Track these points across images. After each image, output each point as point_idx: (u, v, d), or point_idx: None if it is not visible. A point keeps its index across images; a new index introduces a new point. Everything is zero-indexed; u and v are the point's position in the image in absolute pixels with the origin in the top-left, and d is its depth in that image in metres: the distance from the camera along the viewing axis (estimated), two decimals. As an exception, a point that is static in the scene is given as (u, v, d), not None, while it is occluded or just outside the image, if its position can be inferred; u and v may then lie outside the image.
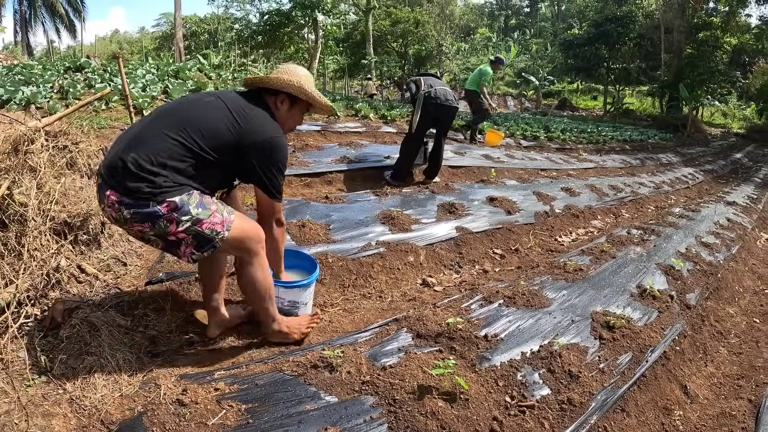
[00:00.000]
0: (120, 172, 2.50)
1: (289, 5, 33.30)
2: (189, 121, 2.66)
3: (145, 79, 10.79)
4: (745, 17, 41.01)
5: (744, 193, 12.48)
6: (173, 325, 3.22)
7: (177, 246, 2.66)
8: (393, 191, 6.16)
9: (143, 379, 2.63)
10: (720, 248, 6.41)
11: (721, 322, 4.69)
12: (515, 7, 73.33)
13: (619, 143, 18.17)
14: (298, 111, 3.12)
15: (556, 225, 6.59)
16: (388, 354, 2.93)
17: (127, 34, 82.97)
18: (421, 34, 35.94)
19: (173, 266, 3.76)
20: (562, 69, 44.39)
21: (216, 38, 42.53)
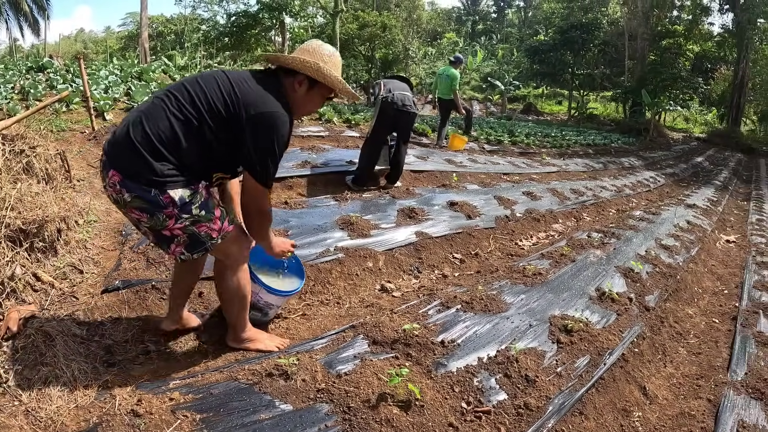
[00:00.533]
0: (124, 152, 2.49)
1: (257, 7, 33.13)
2: (189, 95, 2.59)
3: (108, 80, 10.65)
4: (708, 25, 42.04)
5: (704, 196, 12.68)
6: (129, 335, 3.16)
7: (168, 242, 2.65)
8: (353, 196, 6.09)
9: (99, 390, 2.58)
10: (679, 250, 6.47)
11: (681, 322, 4.71)
12: (483, 13, 73.82)
13: (582, 147, 18.34)
14: (317, 94, 2.88)
15: (517, 229, 6.58)
16: (343, 361, 2.88)
17: (92, 34, 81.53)
18: (388, 38, 35.93)
19: (129, 274, 3.68)
20: (527, 74, 44.80)
21: (182, 39, 42.11)
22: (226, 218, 2.76)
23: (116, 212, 4.96)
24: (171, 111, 2.54)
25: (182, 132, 2.53)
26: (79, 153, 6.65)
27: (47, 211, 3.77)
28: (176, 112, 2.54)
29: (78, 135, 7.42)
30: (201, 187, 2.64)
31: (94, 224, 4.60)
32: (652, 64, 35.81)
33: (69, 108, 8.48)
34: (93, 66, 12.74)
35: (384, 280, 4.55)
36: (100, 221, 4.72)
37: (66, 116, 8.18)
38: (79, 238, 4.17)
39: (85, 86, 7.61)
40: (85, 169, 6.17)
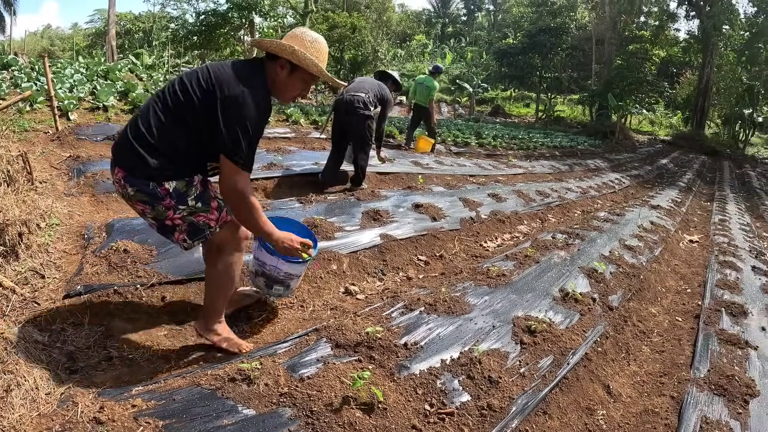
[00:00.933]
0: (124, 150, 2.72)
1: (226, 6, 32.88)
2: (175, 90, 2.74)
3: (73, 79, 10.49)
4: (674, 31, 42.89)
5: (668, 197, 12.90)
6: (91, 340, 3.10)
7: (171, 231, 2.89)
8: (318, 198, 6.02)
9: (61, 397, 2.51)
10: (643, 250, 6.53)
11: (644, 321, 4.74)
12: (452, 16, 74.19)
13: (549, 149, 18.51)
14: (299, 78, 2.91)
15: (482, 231, 6.58)
16: (307, 365, 2.85)
17: (59, 30, 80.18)
18: (358, 40, 35.93)
19: (91, 279, 3.58)
20: (496, 77, 45.23)
21: (151, 37, 41.60)
22: (224, 209, 2.94)
23: (79, 215, 4.94)
24: (159, 108, 2.73)
25: (170, 126, 2.71)
26: (42, 154, 6.55)
27: (8, 215, 3.73)
28: (163, 108, 2.72)
29: (42, 135, 7.32)
30: (197, 180, 2.83)
31: (56, 227, 4.51)
32: (618, 68, 36.41)
33: (33, 107, 8.38)
34: (58, 64, 12.53)
35: (348, 282, 4.50)
36: (62, 224, 4.63)
37: (30, 116, 8.08)
38: (41, 241, 4.09)
39: (49, 85, 7.49)
40: (48, 170, 6.07)
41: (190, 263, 3.95)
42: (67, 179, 5.86)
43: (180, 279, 3.81)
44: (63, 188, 5.58)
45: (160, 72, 18.27)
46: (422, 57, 46.82)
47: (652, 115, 43.04)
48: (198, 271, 3.86)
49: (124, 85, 10.37)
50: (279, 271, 3.42)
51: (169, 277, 3.78)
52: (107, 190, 5.58)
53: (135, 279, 3.66)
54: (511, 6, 58.90)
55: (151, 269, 3.80)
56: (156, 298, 3.58)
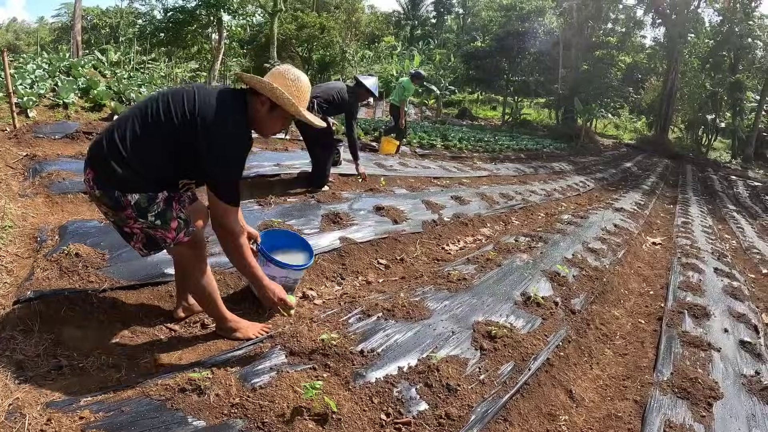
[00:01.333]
0: (97, 154, 2.73)
1: (194, 3, 32.59)
2: (158, 106, 2.74)
3: (35, 75, 10.20)
4: (640, 38, 43.56)
5: (632, 200, 13.02)
6: (41, 348, 2.98)
7: (129, 238, 2.94)
8: (278, 201, 5.88)
9: (9, 409, 2.42)
10: (606, 253, 6.53)
11: (607, 324, 4.71)
12: (422, 18, 74.23)
13: (514, 152, 18.61)
14: (279, 116, 2.93)
15: (444, 234, 6.50)
16: (259, 373, 2.76)
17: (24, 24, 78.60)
18: (327, 40, 35.88)
19: (42, 284, 3.43)
20: (463, 79, 45.43)
21: (117, 33, 40.99)
22: (183, 230, 2.92)
23: (33, 217, 4.76)
24: (138, 122, 2.73)
25: (145, 143, 2.71)
26: None
27: None
28: (142, 123, 2.72)
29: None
30: (161, 197, 2.81)
31: (8, 230, 4.35)
32: (585, 73, 36.89)
33: None
34: (21, 59, 12.20)
35: (306, 287, 4.40)
36: (15, 227, 4.46)
37: None
38: None
39: (7, 81, 7.28)
40: (4, 170, 5.89)
41: (144, 267, 3.83)
42: (23, 179, 5.69)
43: (132, 284, 3.66)
44: (18, 189, 5.40)
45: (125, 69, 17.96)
46: (391, 59, 46.80)
47: (617, 119, 43.79)
48: (152, 275, 3.78)
49: (86, 82, 10.09)
50: (289, 280, 3.72)
51: (122, 282, 3.63)
52: (63, 190, 5.41)
53: (86, 284, 3.51)
54: (480, 10, 59.07)
55: (103, 274, 3.65)
56: (108, 304, 3.44)
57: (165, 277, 3.81)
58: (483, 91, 49.44)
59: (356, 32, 46.39)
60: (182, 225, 2.92)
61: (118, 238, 4.01)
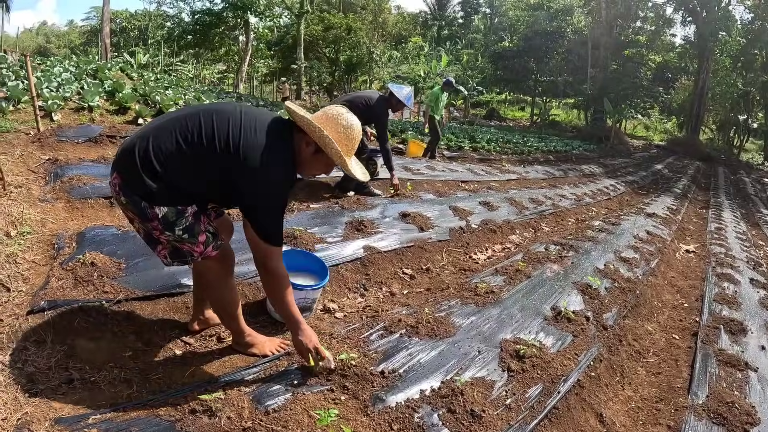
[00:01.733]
0: (127, 159, 2.57)
1: (221, 5, 32.90)
2: (200, 124, 2.59)
3: (61, 78, 10.27)
4: (670, 37, 42.87)
5: (664, 204, 12.67)
6: (53, 361, 2.87)
7: (155, 244, 2.78)
8: (300, 207, 5.75)
9: (17, 424, 2.36)
10: (639, 263, 6.29)
11: (640, 340, 4.49)
12: (449, 18, 73.98)
13: (543, 154, 18.36)
14: (323, 161, 2.74)
15: (472, 241, 6.31)
16: (273, 395, 2.63)
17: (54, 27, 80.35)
18: (353, 41, 35.83)
19: (57, 293, 3.35)
20: (491, 80, 45.16)
21: (146, 36, 41.51)
22: (211, 244, 2.78)
23: (52, 222, 4.68)
24: (178, 135, 2.56)
25: (182, 158, 2.55)
26: (21, 157, 6.30)
27: None
28: (181, 138, 2.55)
29: (23, 137, 7.11)
30: (189, 210, 2.65)
31: (26, 236, 4.27)
32: (614, 73, 36.40)
33: (17, 107, 8.15)
34: (48, 62, 12.33)
35: (327, 299, 4.25)
36: (34, 232, 4.38)
37: (13, 116, 7.88)
38: (10, 251, 3.86)
39: (31, 85, 7.27)
40: (25, 174, 5.82)
41: (160, 278, 3.72)
42: (44, 184, 5.63)
43: (148, 295, 3.55)
44: (38, 193, 5.33)
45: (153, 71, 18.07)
46: (418, 59, 46.70)
47: (647, 120, 43.14)
48: (168, 286, 3.66)
49: (112, 85, 10.09)
50: (308, 300, 3.65)
51: (137, 292, 3.52)
52: (83, 195, 5.34)
53: (101, 295, 3.41)
54: (507, 9, 58.70)
55: (118, 284, 3.54)
56: (122, 316, 3.32)
57: (182, 288, 3.68)
58: (511, 91, 49.10)
59: (383, 33, 46.29)
60: (210, 239, 2.77)
61: (135, 246, 3.99)
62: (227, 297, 3.02)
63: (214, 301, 3.10)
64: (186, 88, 15.04)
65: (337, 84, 38.95)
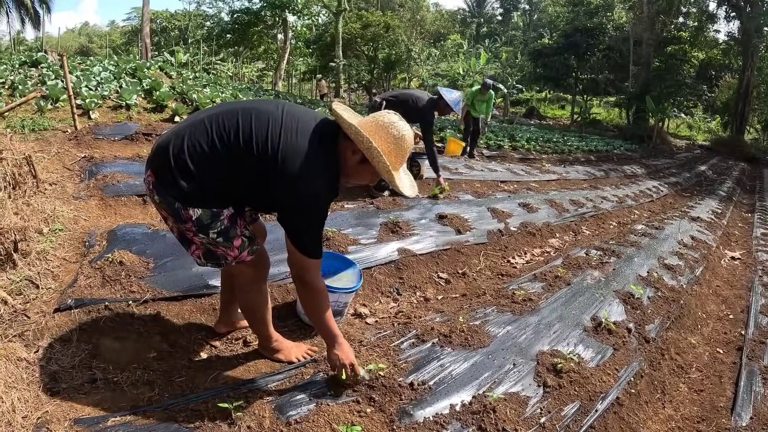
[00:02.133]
0: (161, 157, 2.47)
1: (259, 4, 33.21)
2: (237, 124, 2.44)
3: (101, 77, 10.45)
4: (714, 33, 41.77)
5: (708, 208, 12.24)
6: (77, 360, 2.84)
7: (189, 244, 2.69)
8: (334, 207, 5.63)
9: (37, 422, 2.34)
10: (683, 270, 6.02)
11: (683, 354, 4.26)
12: (487, 15, 73.58)
13: (584, 153, 18.02)
14: (368, 171, 2.51)
15: (510, 245, 6.12)
16: (297, 404, 2.55)
17: (96, 27, 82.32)
18: (392, 39, 35.72)
19: (84, 292, 3.33)
20: (530, 78, 44.67)
21: (186, 35, 42.12)
22: (247, 248, 2.67)
23: (85, 220, 4.72)
24: (213, 134, 2.43)
25: (217, 159, 2.42)
26: (57, 154, 6.41)
27: (2, 222, 3.58)
28: (217, 138, 2.42)
29: (60, 134, 7.27)
30: (225, 213, 2.53)
31: (59, 233, 4.30)
32: (656, 71, 35.66)
33: (55, 106, 8.30)
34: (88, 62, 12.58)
35: (359, 303, 4.14)
36: (66, 230, 4.42)
37: (52, 114, 8.07)
38: (41, 248, 3.90)
39: (68, 84, 7.42)
40: (60, 171, 5.91)
41: (188, 278, 3.68)
42: (79, 181, 5.68)
43: (175, 295, 3.51)
44: (73, 191, 5.38)
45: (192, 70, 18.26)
46: (457, 57, 46.44)
47: (690, 119, 42.13)
48: (196, 287, 3.63)
49: (150, 83, 10.23)
50: (339, 304, 3.55)
51: (164, 293, 3.49)
52: (117, 193, 5.37)
53: (128, 294, 3.39)
54: (547, 5, 58.10)
55: (145, 284, 3.51)
56: (148, 316, 3.29)
57: (209, 289, 3.63)
58: (551, 89, 48.46)
59: (421, 30, 46.09)
60: (246, 243, 2.65)
61: (164, 246, 3.97)
62: (258, 301, 2.92)
63: (243, 304, 3.00)
64: (224, 86, 15.15)
65: (376, 82, 38.88)
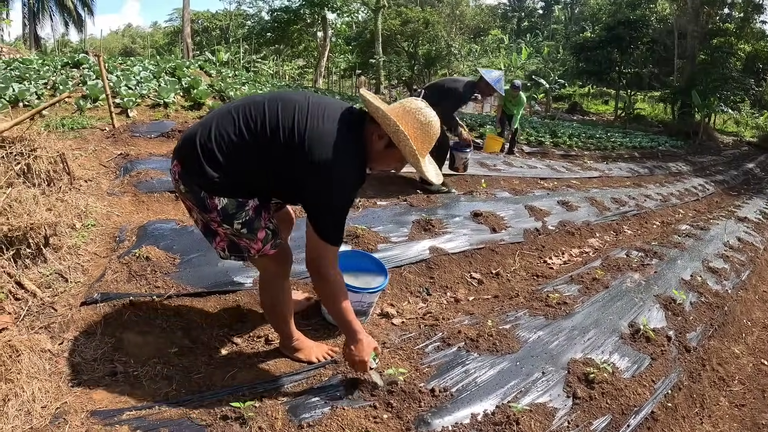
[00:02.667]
0: (188, 148, 2.50)
1: (298, 2, 33.45)
2: (263, 113, 2.46)
3: (140, 76, 10.66)
4: (760, 24, 40.36)
5: (756, 207, 11.75)
6: (99, 352, 2.89)
7: (213, 236, 2.71)
8: (366, 204, 5.54)
9: (55, 412, 2.39)
10: (729, 274, 5.73)
11: (725, 365, 4.04)
12: (528, 9, 72.83)
13: (627, 150, 17.62)
14: (394, 156, 2.54)
15: (548, 244, 5.92)
16: (311, 407, 2.50)
17: (139, 29, 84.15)
18: (431, 35, 35.58)
19: (110, 286, 3.37)
20: (573, 72, 43.94)
21: (227, 35, 42.64)
22: (270, 241, 2.66)
23: (118, 216, 4.79)
24: (241, 123, 2.46)
25: (245, 147, 2.44)
26: (94, 152, 6.55)
27: (34, 218, 3.61)
28: (244, 127, 2.45)
29: (98, 133, 7.45)
30: (251, 204, 2.55)
31: (91, 228, 4.37)
32: (702, 64, 34.76)
33: (95, 105, 8.52)
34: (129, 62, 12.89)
35: (387, 302, 4.05)
36: (98, 225, 4.48)
37: (91, 113, 8.35)
38: (72, 243, 3.93)
39: (105, 84, 7.63)
40: (96, 168, 6.00)
41: (213, 274, 3.69)
42: (114, 178, 5.76)
43: (200, 291, 3.52)
44: (108, 187, 5.46)
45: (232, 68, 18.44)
46: (498, 52, 46.03)
47: (738, 114, 40.87)
48: (221, 283, 3.63)
49: (189, 82, 10.37)
50: (363, 304, 3.47)
51: (188, 289, 3.50)
52: (150, 189, 5.42)
53: (153, 289, 3.43)
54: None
55: (171, 279, 3.54)
56: (172, 311, 3.31)
57: (234, 285, 3.64)
58: (594, 84, 47.54)
59: (461, 26, 45.77)
60: (270, 236, 2.65)
61: (191, 241, 3.99)
62: (279, 298, 2.90)
63: (265, 301, 2.96)
64: (262, 84, 15.23)
65: (416, 78, 38.75)
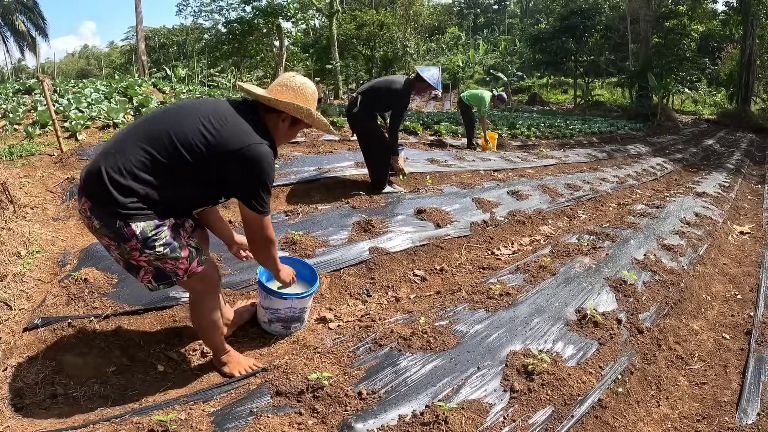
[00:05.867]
0: (94, 182, 2.46)
1: (252, 13, 33.36)
2: (164, 128, 2.55)
3: (91, 98, 10.44)
4: (712, 3, 41.02)
5: (716, 182, 11.81)
6: (41, 376, 2.93)
7: (137, 270, 2.66)
8: (307, 209, 5.34)
9: None
10: (685, 250, 5.65)
11: (683, 342, 3.90)
12: (483, 5, 73.34)
13: (586, 136, 17.65)
14: (297, 129, 2.98)
15: (497, 235, 5.79)
16: (237, 417, 2.39)
17: (95, 49, 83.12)
18: (387, 37, 35.46)
19: (50, 310, 3.37)
20: (530, 64, 44.40)
21: (185, 50, 42.20)
22: (196, 258, 2.70)
23: (62, 240, 4.74)
24: (145, 146, 2.49)
25: (155, 169, 2.48)
26: (41, 178, 6.40)
27: None
28: (151, 149, 2.49)
29: (46, 158, 7.21)
30: (168, 224, 2.59)
31: (36, 255, 4.35)
32: (656, 47, 35.23)
33: (45, 130, 8.31)
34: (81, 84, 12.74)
35: (325, 307, 3.92)
36: (43, 251, 4.46)
37: (40, 139, 8.06)
38: (17, 271, 3.96)
39: (49, 108, 7.47)
40: (43, 194, 5.90)
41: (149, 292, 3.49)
42: (60, 203, 5.66)
43: (136, 309, 3.48)
44: (54, 212, 5.38)
45: (188, 84, 18.17)
46: (456, 49, 46.11)
47: (695, 93, 41.50)
48: (157, 300, 3.58)
49: (140, 100, 10.18)
50: (295, 310, 3.45)
51: (125, 307, 3.47)
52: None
53: (91, 310, 3.41)
54: (542, -10, 57.62)
55: (108, 299, 3.52)
56: (110, 331, 3.29)
57: (170, 300, 3.60)
58: (552, 74, 47.87)
59: (416, 25, 45.77)
60: (194, 253, 2.70)
61: None
62: (210, 315, 2.92)
63: (195, 317, 2.97)
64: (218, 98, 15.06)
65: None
